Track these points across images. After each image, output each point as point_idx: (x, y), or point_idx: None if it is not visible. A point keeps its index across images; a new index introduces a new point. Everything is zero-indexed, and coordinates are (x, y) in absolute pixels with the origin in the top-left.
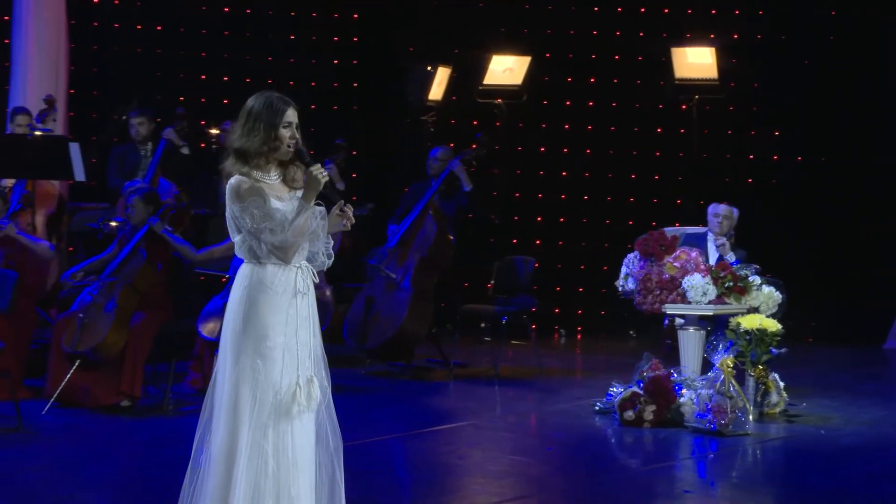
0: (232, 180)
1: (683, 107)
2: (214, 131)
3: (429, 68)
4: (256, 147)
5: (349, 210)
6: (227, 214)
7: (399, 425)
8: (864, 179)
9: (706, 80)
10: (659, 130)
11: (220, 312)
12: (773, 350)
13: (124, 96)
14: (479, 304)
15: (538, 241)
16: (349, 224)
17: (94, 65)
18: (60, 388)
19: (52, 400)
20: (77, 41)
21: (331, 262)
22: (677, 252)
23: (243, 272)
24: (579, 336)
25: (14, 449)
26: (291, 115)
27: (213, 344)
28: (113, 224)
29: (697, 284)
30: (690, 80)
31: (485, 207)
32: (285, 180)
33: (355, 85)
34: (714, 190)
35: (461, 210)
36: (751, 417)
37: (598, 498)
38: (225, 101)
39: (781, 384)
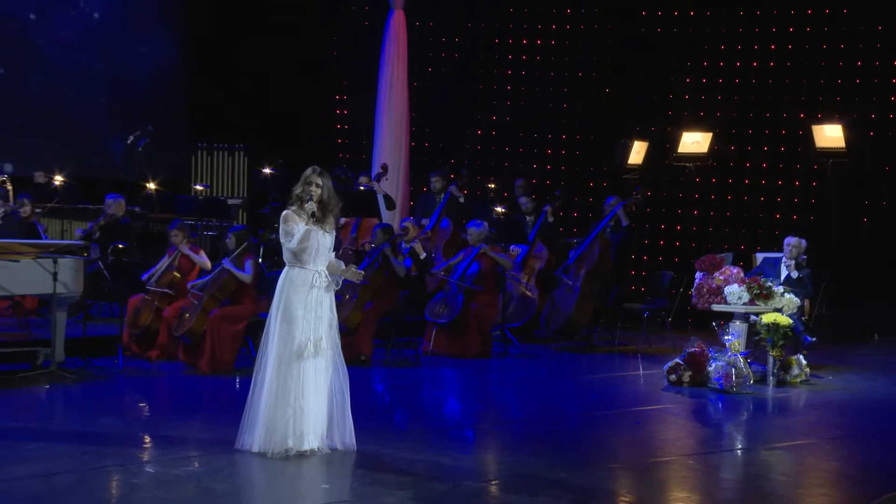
0: (284, 211)
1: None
2: (492, 185)
3: (625, 141)
4: (298, 193)
5: (360, 273)
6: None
7: (564, 378)
8: None
9: (837, 149)
10: (814, 184)
11: (440, 303)
12: (808, 338)
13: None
14: (633, 303)
15: (676, 259)
16: (358, 278)
17: (432, 140)
18: None
19: None
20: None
21: (338, 287)
22: (723, 269)
23: (284, 271)
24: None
25: None
26: (315, 178)
27: (436, 323)
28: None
29: (734, 291)
30: (826, 148)
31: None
32: (316, 219)
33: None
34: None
35: (624, 240)
36: (771, 384)
37: (614, 419)
38: (505, 164)
39: (804, 361)
